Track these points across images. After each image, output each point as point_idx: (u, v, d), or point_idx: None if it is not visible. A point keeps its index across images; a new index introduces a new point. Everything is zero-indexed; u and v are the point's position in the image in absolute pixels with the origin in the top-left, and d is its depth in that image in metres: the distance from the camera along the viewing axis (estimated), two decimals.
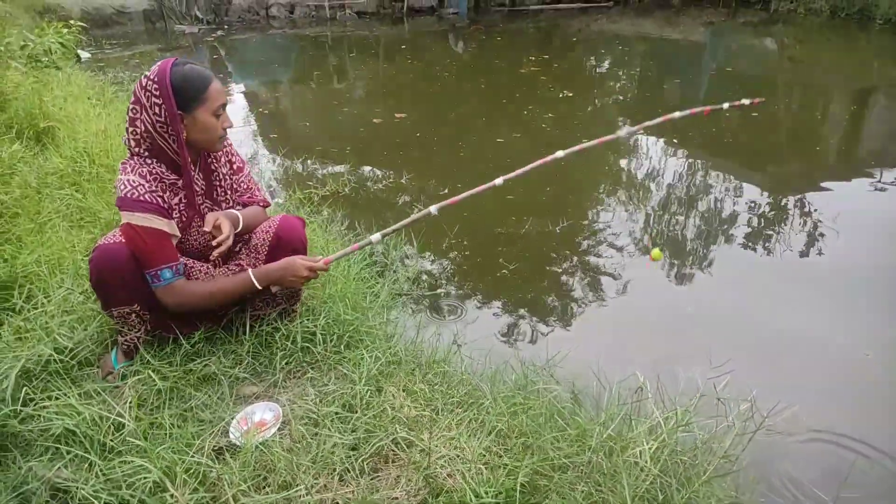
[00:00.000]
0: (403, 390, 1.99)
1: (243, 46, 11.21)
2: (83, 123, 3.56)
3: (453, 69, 9.10)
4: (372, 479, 1.65)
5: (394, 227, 2.13)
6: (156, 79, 1.77)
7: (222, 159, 2.06)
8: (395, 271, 3.35)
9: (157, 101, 1.77)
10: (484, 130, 6.09)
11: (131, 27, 12.18)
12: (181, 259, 1.91)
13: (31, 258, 2.29)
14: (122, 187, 1.79)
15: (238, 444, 1.76)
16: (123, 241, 1.82)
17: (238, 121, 6.02)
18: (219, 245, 1.89)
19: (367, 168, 5.14)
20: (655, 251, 2.33)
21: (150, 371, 1.90)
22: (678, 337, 2.83)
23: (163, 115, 1.79)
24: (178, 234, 1.91)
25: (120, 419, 1.69)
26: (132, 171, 1.82)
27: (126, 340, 1.99)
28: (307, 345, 2.12)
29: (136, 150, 1.84)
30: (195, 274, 2.00)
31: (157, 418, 1.80)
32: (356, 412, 1.84)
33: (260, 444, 1.73)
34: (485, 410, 1.86)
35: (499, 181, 2.17)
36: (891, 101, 7.66)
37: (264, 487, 1.60)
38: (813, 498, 1.80)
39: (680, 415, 1.68)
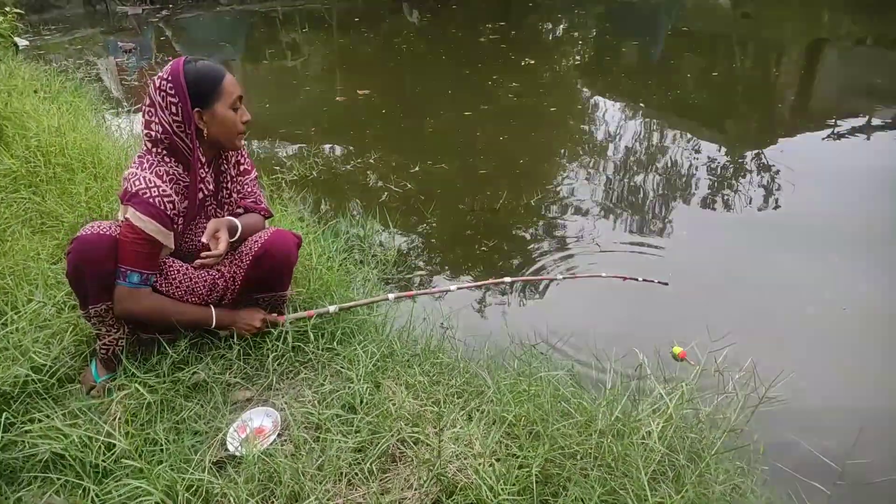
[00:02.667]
0: (402, 384, 1.94)
1: (191, 26, 10.78)
2: (33, 119, 3.35)
3: (411, 40, 8.91)
4: (381, 481, 1.61)
5: (351, 303, 2.26)
6: (170, 78, 1.73)
7: (231, 159, 1.97)
8: (373, 255, 3.29)
9: (172, 99, 1.73)
10: (450, 104, 5.99)
11: (70, 10, 11.59)
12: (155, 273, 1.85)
13: None
14: (138, 183, 1.73)
15: (238, 454, 1.69)
16: (104, 231, 1.77)
17: None
18: (206, 256, 1.82)
19: (334, 149, 5.01)
20: (676, 348, 2.43)
21: (136, 384, 1.82)
22: (663, 307, 2.84)
23: (180, 113, 1.74)
24: (172, 247, 1.86)
25: (110, 440, 1.61)
26: (149, 168, 1.76)
27: (104, 345, 1.90)
28: (298, 344, 2.06)
29: (153, 149, 1.79)
30: (171, 273, 1.91)
31: (149, 433, 1.72)
32: (357, 412, 1.79)
33: (261, 453, 1.67)
34: (488, 400, 1.83)
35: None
36: (842, 53, 7.80)
37: (272, 500, 1.54)
38: (821, 465, 1.83)
39: (685, 391, 1.67)
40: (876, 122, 5.27)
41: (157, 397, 1.82)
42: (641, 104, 5.98)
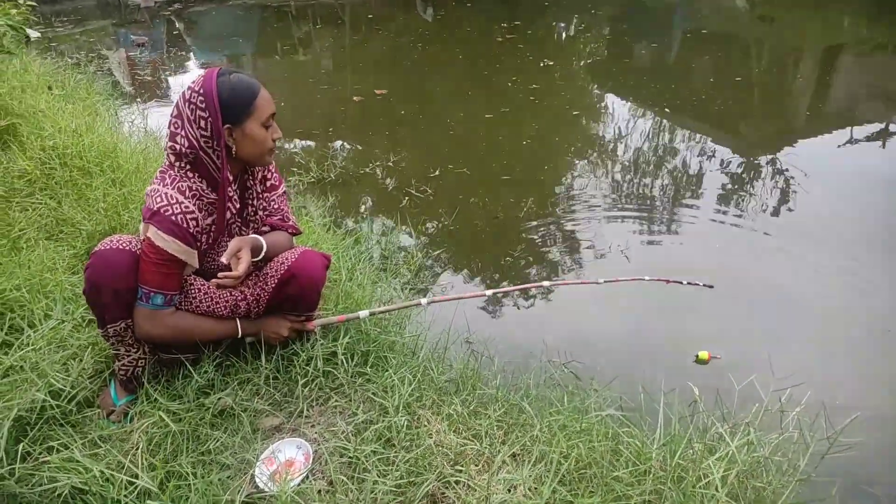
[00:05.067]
0: (439, 415, 1.83)
1: (203, 19, 10.66)
2: (48, 118, 3.24)
3: (426, 39, 8.76)
4: None
5: (383, 308, 2.21)
6: (201, 91, 1.62)
7: (258, 175, 1.87)
8: (396, 264, 3.18)
9: (202, 114, 1.62)
10: (470, 106, 5.86)
11: (81, 1, 11.47)
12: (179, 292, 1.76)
13: (11, 283, 2.04)
14: (159, 200, 1.63)
15: (269, 491, 1.59)
16: (124, 247, 1.68)
17: None
18: (225, 276, 1.71)
19: (352, 150, 4.90)
20: (703, 354, 2.47)
21: (159, 412, 1.71)
22: (702, 320, 2.74)
23: (209, 129, 1.63)
24: (196, 265, 1.75)
25: (132, 478, 1.50)
26: (171, 184, 1.66)
27: (124, 366, 1.80)
28: (329, 369, 1.94)
29: (177, 163, 1.68)
30: (192, 291, 1.81)
31: (174, 466, 1.62)
32: (394, 446, 1.68)
33: (293, 491, 1.56)
34: (535, 438, 1.71)
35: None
36: (860, 58, 7.67)
37: None
38: None
39: (753, 438, 1.56)
40: (893, 128, 5.20)
41: (181, 426, 1.71)
42: (666, 108, 5.85)
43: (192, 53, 8.45)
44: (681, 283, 2.77)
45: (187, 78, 7.05)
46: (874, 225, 3.59)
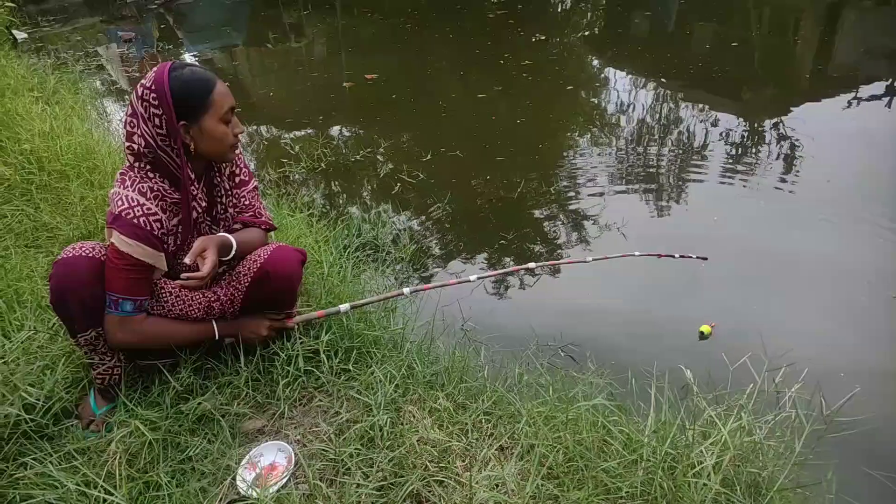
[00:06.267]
0: (425, 410, 1.78)
1: (192, 11, 10.55)
2: (25, 122, 3.18)
3: (416, 19, 8.62)
4: None
5: (365, 301, 2.13)
6: (153, 87, 1.55)
7: (226, 171, 1.80)
8: (388, 253, 3.11)
9: (156, 111, 1.55)
10: (462, 86, 5.76)
11: None
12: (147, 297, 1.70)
13: None
14: (120, 204, 1.57)
15: (250, 496, 1.54)
16: (86, 253, 1.62)
17: None
18: (188, 277, 1.65)
19: (343, 138, 4.82)
20: (705, 327, 2.42)
21: (137, 422, 1.66)
22: (704, 302, 2.66)
23: (164, 126, 1.56)
24: (165, 268, 1.69)
25: (108, 492, 1.46)
26: (132, 185, 1.60)
27: (99, 374, 1.76)
28: (311, 368, 1.89)
29: (136, 164, 1.62)
30: (163, 295, 1.75)
31: (152, 476, 1.57)
32: (378, 445, 1.63)
33: (275, 494, 1.52)
34: (521, 430, 1.65)
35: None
36: (862, 15, 7.48)
37: None
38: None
39: (745, 422, 1.49)
40: None
41: (159, 435, 1.67)
42: (662, 78, 5.73)
43: (183, 47, 8.35)
44: (673, 256, 2.70)
45: None
46: (878, 188, 3.48)
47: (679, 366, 1.80)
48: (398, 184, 3.89)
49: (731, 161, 4.01)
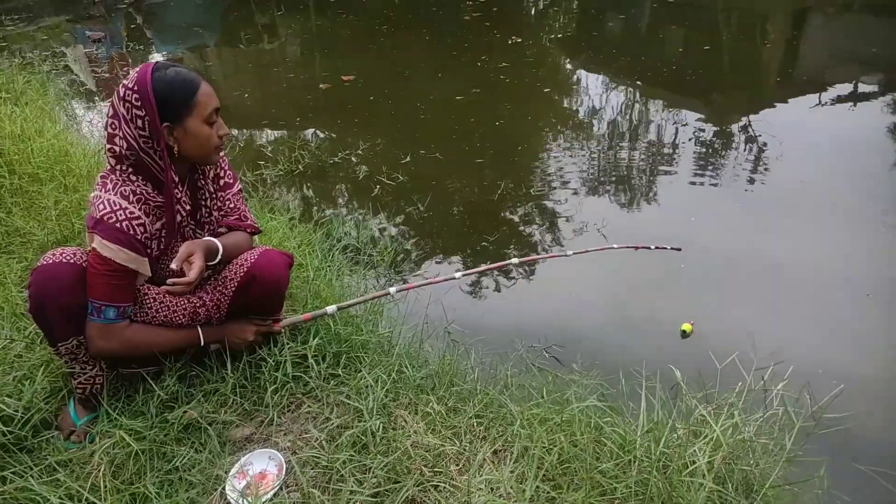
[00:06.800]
0: (416, 414, 1.76)
1: (162, 11, 10.37)
2: None
3: (392, 21, 8.59)
4: None
5: (351, 301, 2.09)
6: (135, 87, 1.51)
7: (210, 174, 1.76)
8: (369, 255, 3.09)
9: (139, 112, 1.51)
10: (440, 88, 5.75)
11: None
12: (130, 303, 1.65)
13: None
14: (102, 208, 1.52)
15: None
16: (67, 259, 1.57)
17: None
18: (174, 283, 1.60)
19: (320, 140, 4.77)
20: (686, 326, 2.47)
21: (121, 432, 1.62)
22: (684, 300, 2.69)
23: (147, 128, 1.52)
24: (148, 273, 1.65)
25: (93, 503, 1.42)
26: (114, 189, 1.55)
27: (81, 383, 1.71)
28: (299, 373, 1.86)
29: (118, 167, 1.58)
30: (146, 301, 1.71)
31: (138, 488, 1.53)
32: (370, 450, 1.61)
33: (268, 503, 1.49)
34: (515, 433, 1.65)
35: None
36: (828, 20, 7.68)
37: None
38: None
39: (737, 420, 1.51)
40: (862, 88, 5.24)
41: (145, 445, 1.62)
42: (637, 81, 5.80)
43: (153, 47, 8.20)
44: (649, 248, 2.79)
45: None
46: (847, 188, 3.58)
47: (669, 366, 1.81)
48: (377, 186, 3.86)
49: (702, 162, 4.08)
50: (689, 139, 4.43)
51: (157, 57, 7.59)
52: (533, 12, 9.38)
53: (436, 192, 3.71)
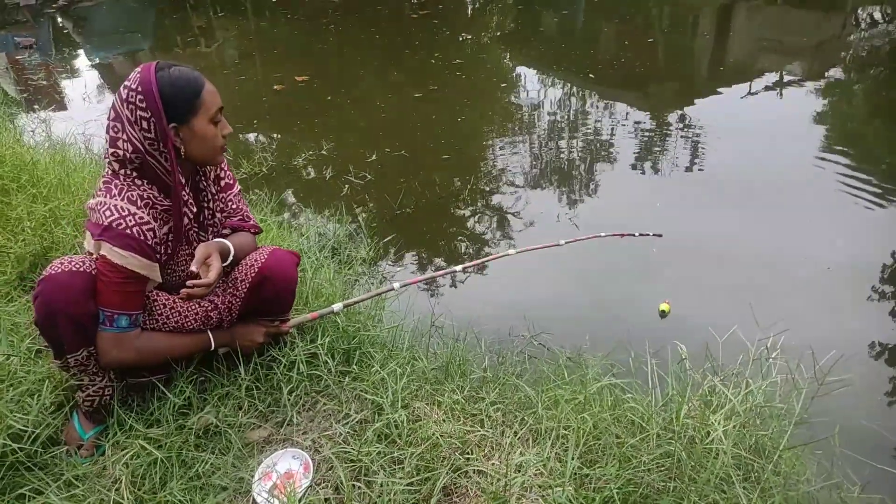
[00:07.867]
0: (436, 405, 1.78)
1: (92, 15, 9.93)
2: None
3: (337, 20, 8.50)
4: None
5: (357, 298, 2.09)
6: (139, 89, 1.46)
7: (210, 174, 1.72)
8: (348, 254, 3.08)
9: (143, 114, 1.47)
10: (397, 86, 5.75)
11: None
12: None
13: None
14: (109, 214, 1.47)
15: None
16: (77, 268, 1.50)
17: (102, 108, 5.36)
18: (195, 284, 1.57)
19: (282, 142, 4.69)
20: (665, 305, 2.60)
21: (139, 441, 1.57)
22: (660, 283, 2.81)
23: (153, 130, 1.48)
24: (159, 279, 1.61)
25: None
26: (120, 194, 1.50)
27: (88, 396, 1.64)
28: (312, 371, 1.85)
29: (121, 171, 1.52)
30: (156, 308, 1.67)
31: (164, 497, 1.49)
32: (396, 442, 1.62)
33: (305, 501, 1.48)
34: (540, 414, 1.69)
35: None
36: (753, 12, 8.09)
37: None
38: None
39: (756, 390, 1.59)
40: (787, 77, 5.61)
41: (164, 452, 1.58)
42: (578, 74, 6.01)
43: (83, 53, 7.86)
44: (633, 235, 2.91)
45: (82, 81, 6.57)
46: (778, 171, 3.84)
47: (674, 341, 1.88)
48: (346, 185, 3.84)
49: (644, 152, 4.30)
50: (632, 131, 4.65)
51: (87, 64, 7.30)
52: (469, 11, 9.46)
53: (407, 189, 3.72)
